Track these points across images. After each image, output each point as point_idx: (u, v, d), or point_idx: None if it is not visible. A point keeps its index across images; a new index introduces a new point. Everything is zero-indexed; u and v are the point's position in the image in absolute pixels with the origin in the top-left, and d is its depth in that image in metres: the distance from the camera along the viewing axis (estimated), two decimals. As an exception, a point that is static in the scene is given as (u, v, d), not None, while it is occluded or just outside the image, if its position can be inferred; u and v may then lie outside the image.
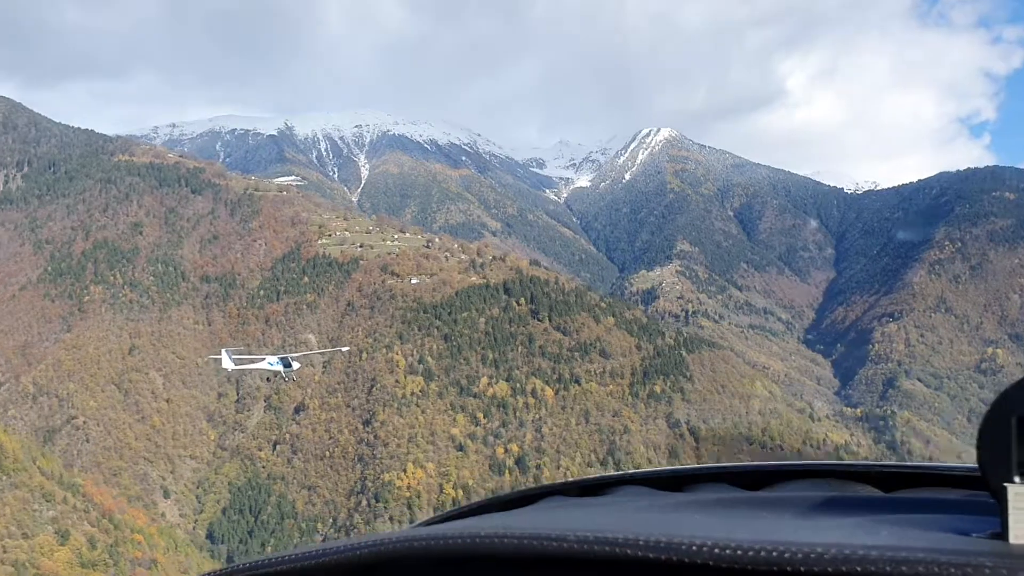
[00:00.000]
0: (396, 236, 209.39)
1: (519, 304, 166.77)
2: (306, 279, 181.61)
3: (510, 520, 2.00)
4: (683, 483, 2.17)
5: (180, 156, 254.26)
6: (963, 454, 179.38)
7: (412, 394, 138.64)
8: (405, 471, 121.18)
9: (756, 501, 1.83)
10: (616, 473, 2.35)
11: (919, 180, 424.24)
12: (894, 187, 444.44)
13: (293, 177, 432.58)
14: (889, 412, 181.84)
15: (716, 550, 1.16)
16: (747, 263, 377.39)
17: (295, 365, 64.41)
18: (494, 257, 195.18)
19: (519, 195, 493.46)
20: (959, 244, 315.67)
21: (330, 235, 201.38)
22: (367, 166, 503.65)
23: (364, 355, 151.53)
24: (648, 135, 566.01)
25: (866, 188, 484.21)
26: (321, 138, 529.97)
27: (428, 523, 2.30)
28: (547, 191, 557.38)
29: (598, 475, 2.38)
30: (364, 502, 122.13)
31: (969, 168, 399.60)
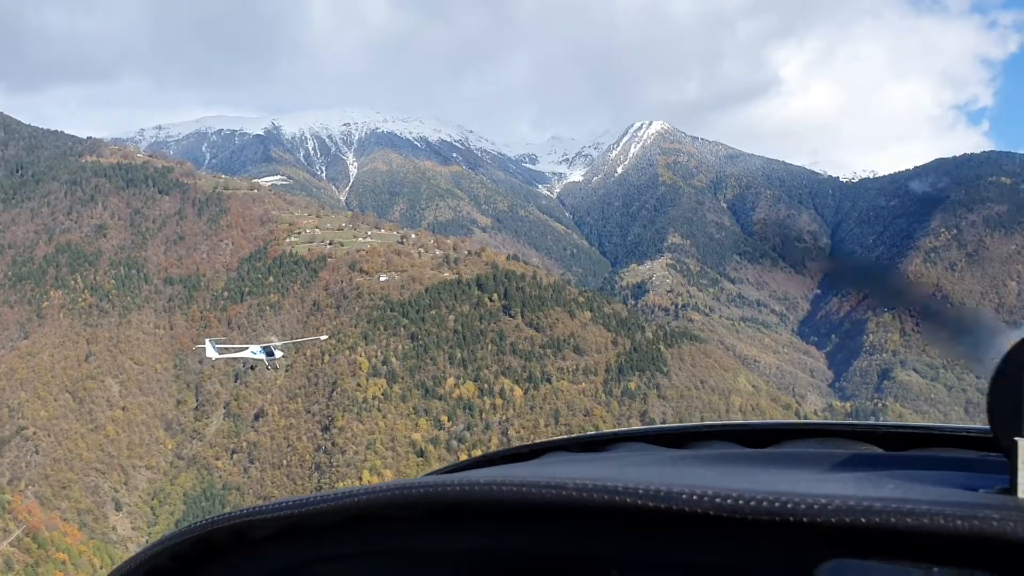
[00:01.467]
0: (370, 233, 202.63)
1: (491, 300, 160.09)
2: (271, 279, 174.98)
3: (509, 471, 1.92)
4: (686, 440, 2.12)
5: (149, 156, 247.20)
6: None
7: (374, 398, 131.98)
8: (360, 480, 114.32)
9: (760, 457, 1.80)
10: (618, 429, 2.28)
11: (915, 167, 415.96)
12: (889, 175, 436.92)
13: (278, 176, 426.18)
14: (879, 406, 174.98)
15: (717, 499, 1.12)
16: (740, 255, 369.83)
17: (278, 354, 64.20)
18: (469, 252, 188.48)
19: (510, 191, 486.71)
20: (955, 231, 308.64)
21: (299, 233, 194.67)
22: (355, 164, 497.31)
23: (327, 357, 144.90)
24: (640, 128, 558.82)
25: (862, 177, 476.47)
26: (309, 137, 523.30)
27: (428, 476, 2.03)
28: (540, 186, 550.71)
29: (599, 431, 2.33)
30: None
31: (965, 154, 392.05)
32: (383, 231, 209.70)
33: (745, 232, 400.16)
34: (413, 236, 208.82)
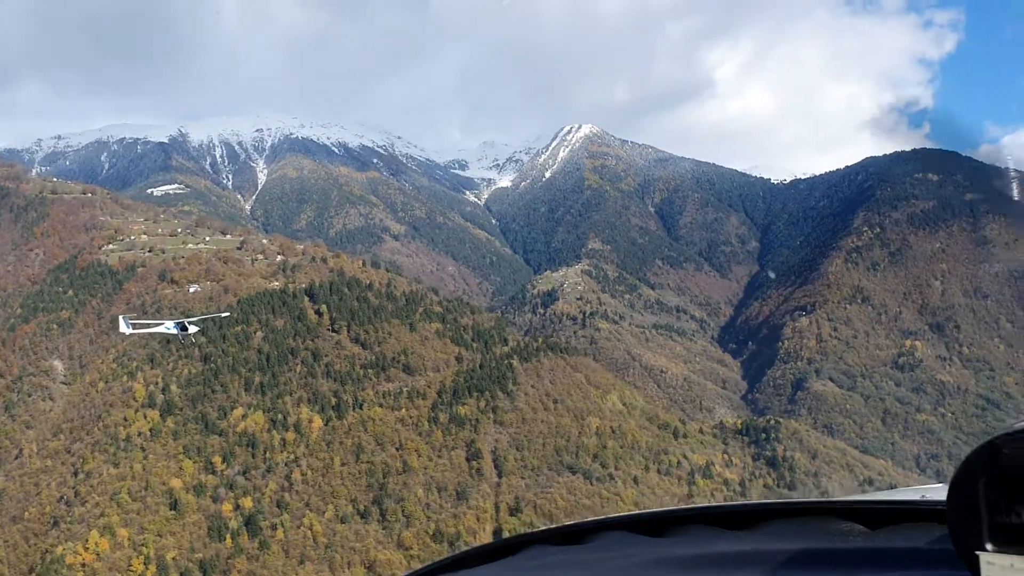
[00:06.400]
0: (208, 238, 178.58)
1: (319, 313, 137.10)
2: (71, 292, 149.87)
3: None
4: (668, 525, 2.09)
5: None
6: (856, 468, 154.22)
7: (139, 434, 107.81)
8: (86, 544, 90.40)
9: (734, 557, 1.76)
10: (599, 518, 2.29)
11: (846, 167, 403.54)
12: (820, 175, 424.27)
13: (175, 185, 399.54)
14: (772, 422, 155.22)
15: None
16: (663, 260, 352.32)
17: (192, 329, 65.69)
18: (315, 258, 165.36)
19: (433, 197, 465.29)
20: (878, 229, 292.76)
21: (121, 240, 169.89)
22: (265, 172, 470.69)
23: (102, 384, 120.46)
24: (569, 132, 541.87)
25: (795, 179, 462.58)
26: (217, 143, 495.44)
27: None
28: (467, 193, 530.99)
29: (582, 520, 2.32)
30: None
31: (896, 152, 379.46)
32: (228, 236, 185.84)
33: (671, 236, 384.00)
34: (264, 241, 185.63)
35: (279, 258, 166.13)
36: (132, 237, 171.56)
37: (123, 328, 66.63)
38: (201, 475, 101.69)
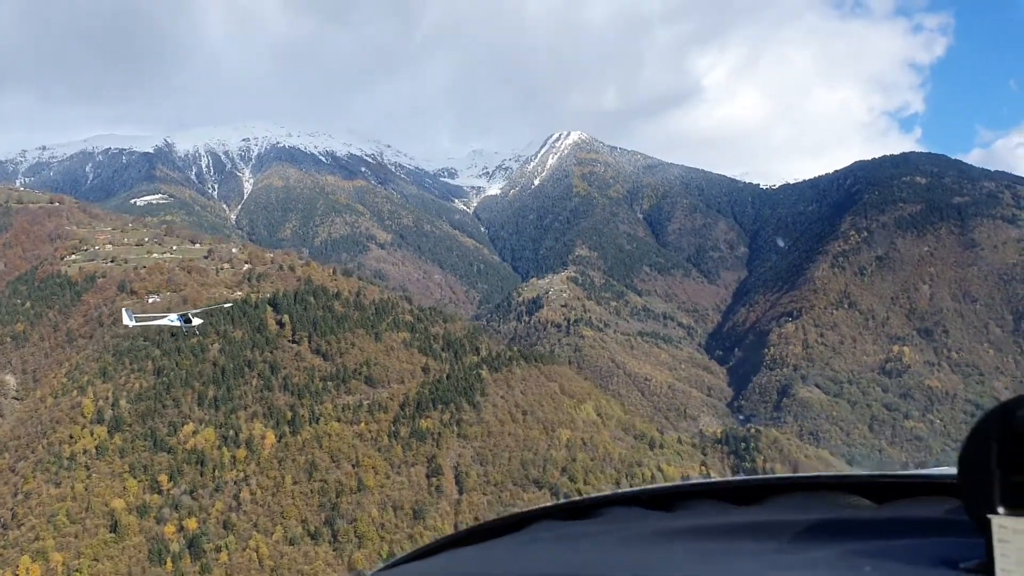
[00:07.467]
0: (175, 247, 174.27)
1: (280, 324, 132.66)
2: (28, 304, 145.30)
3: (486, 556, 1.93)
4: (675, 500, 2.11)
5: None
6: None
7: (84, 452, 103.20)
8: (17, 570, 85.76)
9: (741, 528, 1.76)
10: (606, 494, 2.30)
11: (835, 171, 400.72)
12: (808, 180, 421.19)
13: (159, 195, 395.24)
14: (752, 432, 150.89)
15: None
16: (650, 266, 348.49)
17: (196, 321, 67.57)
18: (283, 267, 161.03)
19: (421, 205, 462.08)
20: (865, 233, 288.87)
21: (85, 250, 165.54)
22: (251, 181, 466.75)
23: (51, 400, 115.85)
24: (558, 139, 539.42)
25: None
26: (203, 153, 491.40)
27: (397, 563, 2.20)
28: (456, 201, 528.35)
29: (588, 495, 2.33)
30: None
31: (884, 155, 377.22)
32: (197, 245, 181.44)
33: (659, 242, 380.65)
34: (234, 250, 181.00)
35: (246, 267, 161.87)
36: (96, 247, 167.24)
37: (126, 320, 68.32)
38: (145, 495, 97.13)
